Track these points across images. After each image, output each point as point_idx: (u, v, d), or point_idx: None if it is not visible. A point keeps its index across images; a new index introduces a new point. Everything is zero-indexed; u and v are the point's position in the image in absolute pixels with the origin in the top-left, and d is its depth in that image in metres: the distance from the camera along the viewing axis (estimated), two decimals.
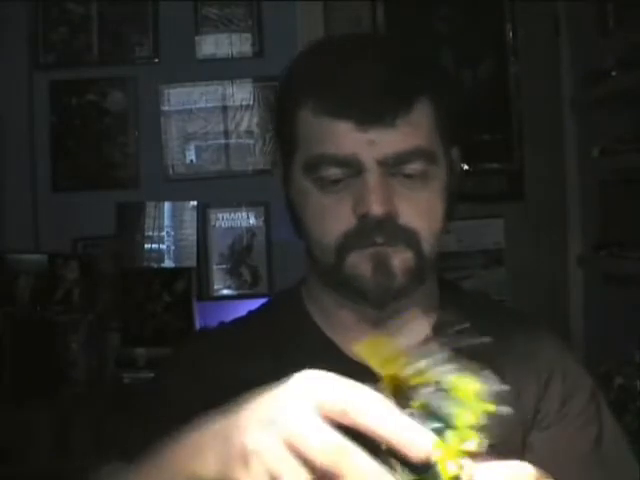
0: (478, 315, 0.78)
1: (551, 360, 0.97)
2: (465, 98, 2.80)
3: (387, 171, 0.89)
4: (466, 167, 2.78)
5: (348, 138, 0.88)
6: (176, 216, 2.75)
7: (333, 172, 0.90)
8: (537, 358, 0.97)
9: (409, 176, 0.90)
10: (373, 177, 0.88)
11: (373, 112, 0.88)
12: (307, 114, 0.91)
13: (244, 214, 2.75)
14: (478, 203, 2.77)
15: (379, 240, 0.89)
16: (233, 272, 2.75)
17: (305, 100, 0.92)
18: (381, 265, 0.89)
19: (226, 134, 2.78)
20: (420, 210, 0.91)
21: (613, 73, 2.33)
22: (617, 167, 2.46)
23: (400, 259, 0.90)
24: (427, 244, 0.92)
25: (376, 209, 0.87)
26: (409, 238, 0.90)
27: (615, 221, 2.49)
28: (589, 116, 2.64)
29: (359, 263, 0.90)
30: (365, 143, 0.88)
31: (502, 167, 2.82)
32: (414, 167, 0.90)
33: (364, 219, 0.88)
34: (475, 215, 2.76)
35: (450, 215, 0.96)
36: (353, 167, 0.89)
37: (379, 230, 0.88)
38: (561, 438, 0.93)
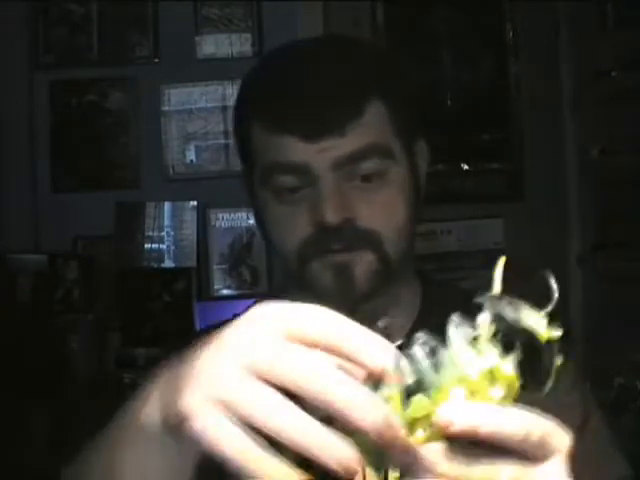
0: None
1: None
2: (465, 98, 2.80)
3: (341, 176, 0.89)
4: (466, 167, 2.78)
5: (297, 148, 0.89)
6: (176, 216, 2.75)
7: (287, 180, 0.90)
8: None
9: (366, 178, 0.90)
10: (327, 184, 0.88)
11: (320, 123, 0.88)
12: (258, 129, 0.92)
13: (244, 214, 2.75)
14: (478, 203, 2.77)
15: (336, 247, 0.89)
16: (233, 272, 2.75)
17: (256, 116, 0.93)
18: (342, 273, 0.89)
19: (226, 134, 2.77)
20: (380, 211, 0.90)
21: (613, 73, 2.33)
22: (617, 167, 2.46)
23: (362, 264, 0.90)
24: (391, 244, 0.91)
25: (330, 217, 0.87)
26: (370, 240, 0.90)
27: (615, 221, 2.49)
28: (589, 116, 2.64)
29: (320, 272, 0.90)
30: (315, 152, 0.88)
31: (502, 167, 2.82)
32: (369, 166, 0.90)
33: (320, 227, 0.88)
34: (475, 215, 2.76)
35: (417, 213, 0.95)
36: (306, 175, 0.89)
37: (336, 237, 0.88)
38: None
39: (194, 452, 0.56)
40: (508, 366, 0.53)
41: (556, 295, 0.54)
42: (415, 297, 1.00)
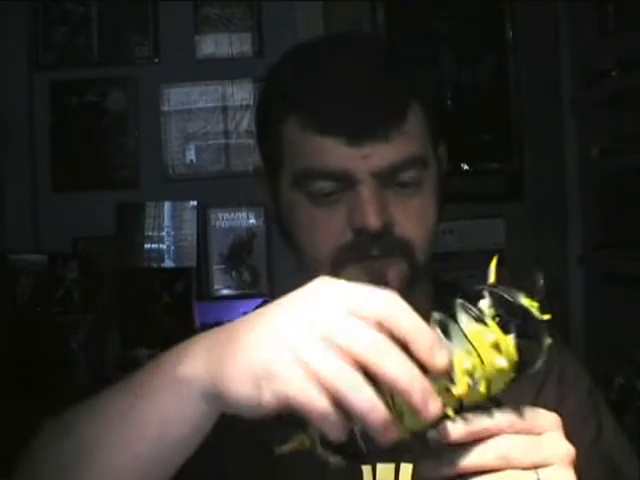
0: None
1: (548, 359, 0.97)
2: (465, 98, 2.80)
3: (381, 182, 0.87)
4: (466, 167, 2.78)
5: (338, 153, 0.86)
6: (176, 216, 2.75)
7: (324, 185, 0.88)
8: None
9: (403, 184, 0.89)
10: (367, 190, 0.87)
11: (365, 127, 0.86)
12: (292, 129, 0.89)
13: (244, 214, 2.75)
14: (478, 203, 2.77)
15: (375, 253, 0.88)
16: (233, 272, 2.75)
17: (289, 115, 0.89)
18: (377, 278, 0.88)
19: (226, 134, 2.78)
20: (415, 219, 0.90)
21: (613, 73, 2.33)
22: (617, 167, 2.46)
23: (395, 270, 0.89)
24: (421, 252, 0.91)
25: (373, 223, 0.86)
26: (404, 248, 0.89)
27: (615, 221, 2.49)
28: (589, 116, 2.64)
29: (355, 277, 0.88)
30: (357, 157, 0.86)
31: (502, 167, 2.82)
32: (409, 175, 0.89)
33: (360, 233, 0.87)
34: (475, 215, 2.76)
35: (441, 216, 0.95)
36: (345, 180, 0.87)
37: (375, 243, 0.88)
38: None
39: (220, 408, 0.60)
40: (510, 340, 0.59)
41: (542, 284, 0.63)
42: (429, 295, 1.01)
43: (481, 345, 0.59)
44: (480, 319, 0.59)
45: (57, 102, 2.77)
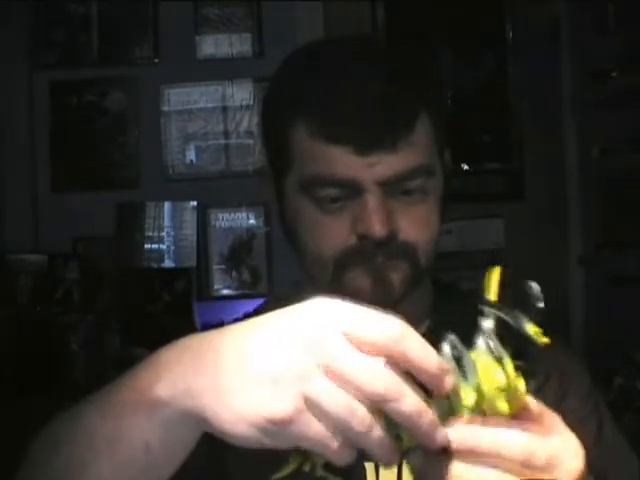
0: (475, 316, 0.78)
1: (548, 359, 0.97)
2: (465, 98, 2.80)
3: (387, 190, 0.88)
4: (466, 167, 2.78)
5: (346, 161, 0.87)
6: (176, 216, 2.74)
7: (330, 192, 0.89)
8: (534, 357, 0.97)
9: (408, 192, 0.90)
10: (373, 198, 0.87)
11: (373, 137, 0.86)
12: (301, 135, 0.89)
13: (244, 214, 2.75)
14: (478, 203, 2.77)
15: (379, 259, 0.89)
16: (233, 272, 2.75)
17: (298, 120, 0.89)
18: (380, 279, 0.89)
19: (226, 134, 2.77)
20: (419, 225, 0.91)
21: (613, 73, 2.33)
22: (617, 167, 2.46)
23: (398, 271, 0.90)
24: (424, 255, 0.92)
25: (377, 231, 0.87)
26: (407, 252, 0.90)
27: (615, 221, 2.49)
28: (589, 116, 2.64)
29: (358, 278, 0.90)
30: (365, 166, 0.87)
31: (502, 167, 2.82)
32: (414, 183, 0.90)
33: (364, 239, 0.88)
34: (475, 215, 2.76)
35: (444, 218, 0.96)
36: (351, 188, 0.88)
37: (380, 250, 0.88)
38: None
39: (201, 429, 0.59)
40: (521, 386, 0.59)
41: (542, 305, 0.61)
42: (428, 294, 1.02)
43: (489, 385, 0.58)
44: (498, 357, 0.59)
45: (57, 102, 2.77)
